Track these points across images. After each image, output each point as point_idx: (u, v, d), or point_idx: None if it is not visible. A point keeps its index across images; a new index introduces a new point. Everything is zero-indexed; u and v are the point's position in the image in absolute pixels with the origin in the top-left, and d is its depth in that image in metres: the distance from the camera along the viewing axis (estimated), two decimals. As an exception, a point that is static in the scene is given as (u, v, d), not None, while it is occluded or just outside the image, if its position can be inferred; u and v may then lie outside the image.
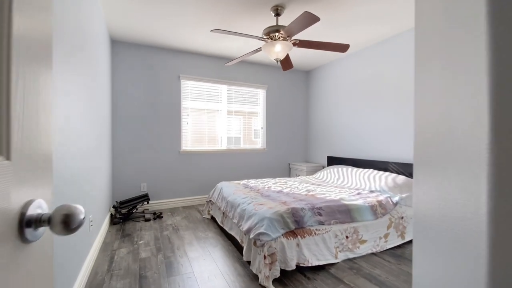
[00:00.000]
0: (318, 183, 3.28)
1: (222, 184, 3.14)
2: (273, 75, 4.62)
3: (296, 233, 1.94)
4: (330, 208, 2.18)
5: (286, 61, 2.99)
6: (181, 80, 3.86)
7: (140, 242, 2.58)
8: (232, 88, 4.28)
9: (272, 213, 1.97)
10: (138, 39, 3.41)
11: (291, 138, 4.82)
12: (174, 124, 3.83)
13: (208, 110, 4.11)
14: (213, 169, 4.12)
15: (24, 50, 0.39)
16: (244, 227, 2.06)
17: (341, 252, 2.11)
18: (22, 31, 0.38)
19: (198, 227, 2.98)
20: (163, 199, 3.79)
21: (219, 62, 4.13)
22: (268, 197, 2.45)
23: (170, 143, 3.82)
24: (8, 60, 0.35)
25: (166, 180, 3.80)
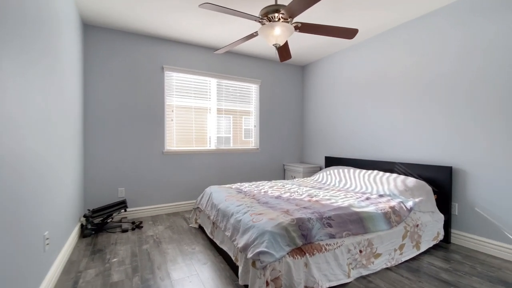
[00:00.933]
0: (319, 187, 2.96)
1: (212, 188, 2.76)
2: (267, 69, 4.28)
3: (304, 250, 1.59)
4: (340, 218, 1.86)
5: (284, 49, 2.65)
6: (165, 71, 3.44)
7: (113, 260, 2.15)
8: (222, 83, 3.89)
9: (274, 225, 1.61)
10: (115, 24, 2.97)
11: (286, 137, 4.50)
12: (156, 121, 3.40)
13: (196, 108, 3.71)
14: (201, 171, 3.72)
15: None
16: (240, 242, 1.70)
17: (354, 270, 1.79)
18: None
19: (184, 239, 2.58)
20: (143, 206, 3.35)
21: (208, 52, 3.74)
22: (266, 205, 2.09)
23: (152, 142, 3.39)
24: None
25: (147, 184, 3.36)
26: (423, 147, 2.76)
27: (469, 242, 2.39)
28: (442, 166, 2.54)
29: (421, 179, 2.70)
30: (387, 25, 3.01)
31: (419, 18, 2.78)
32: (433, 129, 2.68)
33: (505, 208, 2.17)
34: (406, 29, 2.92)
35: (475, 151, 2.35)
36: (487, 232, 2.28)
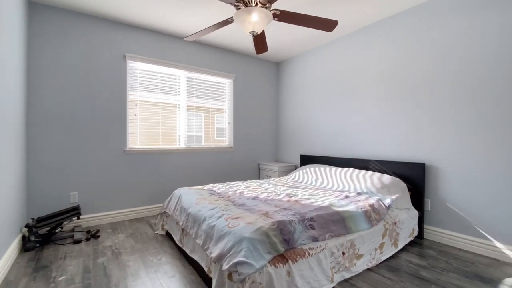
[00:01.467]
0: (297, 186, 2.84)
1: (181, 190, 2.49)
2: (241, 64, 4.09)
3: (286, 256, 1.43)
4: (323, 218, 1.73)
5: (261, 40, 2.48)
6: (128, 60, 3.08)
7: (61, 278, 1.80)
8: (193, 77, 3.61)
9: (253, 231, 1.43)
10: (68, 3, 2.56)
11: (261, 136, 4.34)
12: (117, 116, 3.03)
13: (164, 105, 3.39)
14: (169, 172, 3.41)
15: None
16: (214, 252, 1.48)
17: (337, 273, 1.67)
18: None
19: (148, 248, 2.28)
20: (101, 212, 2.95)
21: (177, 41, 3.44)
22: (243, 207, 1.90)
23: (112, 140, 3.00)
24: None
25: (106, 188, 2.97)
26: (397, 144, 2.79)
27: (441, 237, 2.44)
28: (416, 163, 2.57)
29: (395, 176, 2.72)
30: (363, 22, 2.99)
31: (396, 16, 2.80)
32: (406, 126, 2.70)
33: (474, 203, 2.23)
34: (382, 26, 2.93)
35: (446, 148, 2.40)
36: (459, 227, 2.33)
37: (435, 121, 2.48)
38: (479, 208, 2.20)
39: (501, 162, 2.08)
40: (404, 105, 2.72)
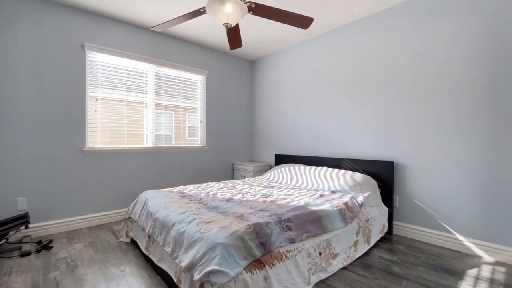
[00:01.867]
0: (272, 185, 2.79)
1: (148, 194, 2.29)
2: (215, 60, 3.94)
3: (263, 261, 1.35)
4: (299, 219, 1.68)
5: (235, 34, 2.38)
6: (87, 51, 2.78)
7: (-1, 300, 1.53)
8: (162, 72, 3.39)
9: (227, 236, 1.32)
10: (8, -22, 2.22)
11: (234, 135, 4.23)
12: (74, 112, 2.72)
13: (129, 102, 3.12)
14: (135, 174, 3.15)
15: None
16: (184, 260, 1.35)
17: (313, 275, 1.64)
18: None
19: (110, 259, 2.06)
20: (55, 220, 2.63)
21: (145, 33, 3.20)
22: (216, 210, 1.78)
23: (68, 139, 2.69)
24: None
25: (61, 192, 2.65)
26: (368, 143, 2.86)
27: (409, 232, 2.54)
28: (385, 161, 2.65)
29: (366, 174, 2.78)
30: (336, 23, 3.03)
31: (366, 18, 2.86)
32: (376, 126, 2.79)
33: (437, 198, 2.35)
34: (353, 28, 2.99)
35: (412, 147, 2.51)
36: (424, 222, 2.44)
37: (402, 121, 2.58)
38: (441, 203, 2.32)
39: (458, 159, 2.21)
40: (374, 106, 2.80)
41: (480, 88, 2.12)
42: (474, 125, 2.15)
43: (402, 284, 1.69)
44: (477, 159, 2.13)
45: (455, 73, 2.24)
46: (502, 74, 2.01)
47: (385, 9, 2.69)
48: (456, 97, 2.24)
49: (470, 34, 2.16)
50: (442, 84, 2.32)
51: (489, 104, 2.07)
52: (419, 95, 2.46)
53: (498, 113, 2.03)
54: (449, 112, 2.28)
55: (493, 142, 2.05)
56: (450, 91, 2.27)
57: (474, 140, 2.15)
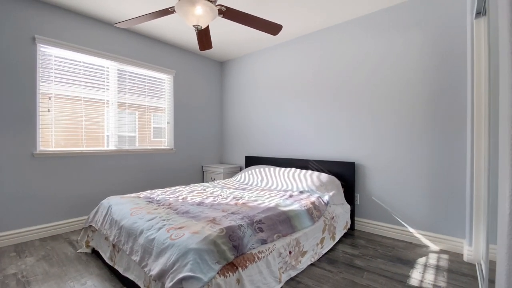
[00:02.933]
0: (243, 187, 2.81)
1: (111, 200, 2.16)
2: (183, 60, 3.84)
3: (236, 264, 1.36)
4: (270, 220, 1.74)
5: (205, 36, 2.36)
6: (38, 44, 2.52)
7: None
8: (125, 71, 3.21)
9: (199, 241, 1.32)
10: None
11: (204, 137, 4.17)
12: (23, 111, 2.45)
13: (88, 100, 2.90)
14: (95, 179, 2.94)
15: None
16: (154, 268, 1.31)
17: (284, 273, 1.70)
18: None
19: (69, 272, 1.90)
20: (1, 231, 2.34)
21: (107, 29, 3.00)
22: (187, 214, 1.75)
23: (16, 141, 2.41)
24: None
25: (8, 200, 2.37)
26: (331, 145, 3.04)
27: (369, 227, 2.76)
28: (347, 161, 2.84)
29: (331, 174, 2.96)
30: (303, 31, 3.17)
31: (337, 26, 3.04)
32: (339, 128, 2.97)
33: (392, 195, 2.60)
34: (318, 36, 3.15)
35: (369, 148, 2.73)
36: (382, 217, 2.68)
37: (361, 125, 2.79)
38: (395, 199, 2.57)
39: (407, 160, 2.48)
40: (337, 110, 2.98)
41: (425, 96, 2.39)
42: (421, 128, 2.42)
43: (363, 276, 1.84)
44: (423, 159, 2.40)
45: (406, 80, 2.50)
46: (443, 82, 2.30)
47: (349, 20, 2.89)
48: (405, 103, 2.50)
49: (417, 47, 2.43)
50: (394, 91, 2.57)
51: (432, 109, 2.35)
52: (374, 101, 2.69)
53: (440, 117, 2.31)
54: (400, 117, 2.53)
55: (435, 144, 2.33)
56: (400, 99, 2.53)
57: (421, 142, 2.41)
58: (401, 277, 1.83)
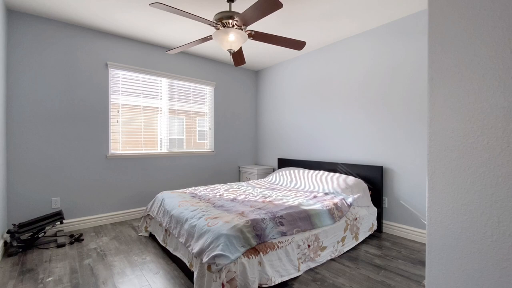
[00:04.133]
0: (272, 187, 3.10)
1: (164, 194, 2.65)
2: (222, 72, 4.29)
3: (258, 249, 1.67)
4: (291, 216, 1.99)
5: (239, 54, 2.71)
6: (110, 68, 3.18)
7: (48, 279, 1.91)
8: (174, 83, 3.77)
9: (229, 228, 1.65)
10: (49, 11, 2.63)
11: (241, 140, 4.57)
12: (99, 122, 3.12)
13: (145, 108, 3.52)
14: (151, 176, 3.54)
15: None
16: (195, 248, 1.69)
17: (303, 263, 1.94)
18: None
19: (133, 249, 2.43)
20: (84, 216, 3.03)
21: (158, 50, 3.58)
22: (222, 208, 2.12)
23: (94, 146, 3.09)
24: None
25: (88, 192, 3.06)
26: (360, 149, 3.13)
27: (396, 230, 2.80)
28: (375, 165, 2.92)
29: (358, 177, 3.06)
30: (329, 40, 3.32)
31: (358, 35, 3.14)
32: (368, 133, 3.06)
33: (420, 199, 2.60)
34: (348, 43, 3.27)
35: (398, 153, 2.77)
36: (409, 221, 2.70)
37: (389, 130, 2.84)
38: (422, 204, 2.58)
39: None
40: (365, 116, 3.07)
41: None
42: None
43: (380, 273, 1.97)
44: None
45: (435, 87, 2.49)
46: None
47: (379, 26, 2.96)
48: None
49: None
50: (424, 95, 2.58)
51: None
52: (402, 106, 2.73)
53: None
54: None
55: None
56: (431, 103, 2.53)
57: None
58: (418, 278, 1.91)
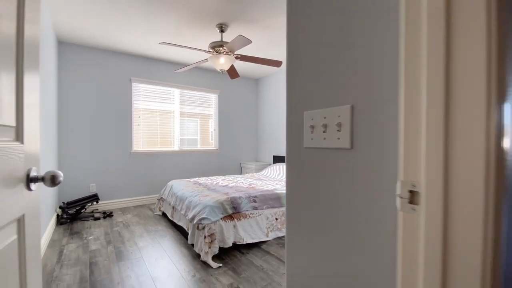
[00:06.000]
0: (261, 178, 3.75)
1: (173, 182, 3.39)
2: (225, 81, 4.99)
3: (233, 216, 2.33)
4: (263, 196, 2.63)
5: (232, 70, 3.39)
6: (133, 82, 3.99)
7: (90, 237, 2.70)
8: (184, 92, 4.53)
9: (214, 201, 2.33)
10: (87, 41, 3.47)
11: (242, 139, 5.24)
12: (124, 125, 3.93)
13: (161, 111, 4.29)
14: (165, 170, 4.31)
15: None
16: (189, 215, 2.38)
17: (272, 232, 2.57)
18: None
19: (149, 222, 3.18)
20: (113, 199, 3.86)
21: (171, 66, 4.35)
22: (214, 190, 2.80)
23: (121, 144, 3.91)
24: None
25: (116, 181, 3.88)
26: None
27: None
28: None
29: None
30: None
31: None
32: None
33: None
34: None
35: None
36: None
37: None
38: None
39: None
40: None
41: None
42: None
43: (331, 242, 2.55)
44: None
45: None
46: None
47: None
48: None
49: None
50: None
51: None
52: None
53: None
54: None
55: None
56: None
57: None
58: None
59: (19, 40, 0.66)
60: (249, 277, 1.91)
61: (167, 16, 2.73)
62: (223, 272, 1.97)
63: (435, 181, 0.41)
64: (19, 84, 0.67)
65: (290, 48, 0.82)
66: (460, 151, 0.38)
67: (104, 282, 1.84)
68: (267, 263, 2.12)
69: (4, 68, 0.60)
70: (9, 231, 0.61)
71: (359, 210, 0.62)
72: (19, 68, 0.67)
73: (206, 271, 1.98)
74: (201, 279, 1.87)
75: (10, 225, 0.62)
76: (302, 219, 0.79)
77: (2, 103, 0.58)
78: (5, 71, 0.60)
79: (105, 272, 1.98)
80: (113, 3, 2.48)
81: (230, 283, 1.82)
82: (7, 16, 0.60)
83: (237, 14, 2.68)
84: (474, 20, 0.37)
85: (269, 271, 2.00)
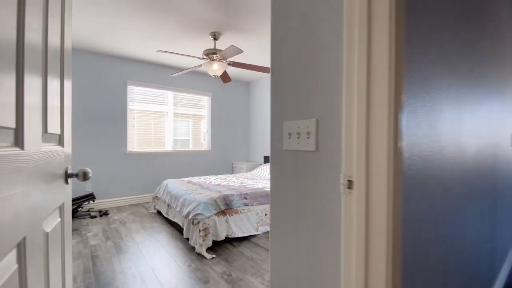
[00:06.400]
0: (252, 177, 3.95)
1: (168, 181, 3.55)
2: (217, 85, 5.17)
3: (226, 212, 2.52)
4: (254, 194, 2.84)
5: (224, 75, 3.58)
6: (128, 85, 4.12)
7: (89, 234, 2.84)
8: (178, 94, 4.68)
9: (207, 198, 2.52)
10: (84, 45, 3.58)
11: (234, 140, 5.43)
12: (119, 126, 4.06)
13: (155, 112, 4.44)
14: (159, 169, 4.45)
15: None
16: (185, 211, 2.56)
17: (261, 226, 2.78)
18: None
19: (145, 220, 3.34)
20: (109, 198, 3.98)
21: (165, 70, 4.50)
22: (207, 189, 2.99)
23: (116, 144, 4.03)
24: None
25: (111, 180, 4.00)
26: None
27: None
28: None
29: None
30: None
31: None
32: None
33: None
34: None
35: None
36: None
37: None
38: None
39: None
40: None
41: None
42: None
43: (316, 235, 2.78)
44: None
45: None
46: None
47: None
48: None
49: None
50: None
51: None
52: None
53: None
54: None
55: None
56: None
57: None
58: (342, 238, 2.71)
59: (62, 52, 0.85)
60: (240, 265, 2.11)
61: (164, 24, 2.90)
62: (217, 262, 2.17)
63: (361, 172, 0.62)
64: (62, 92, 0.85)
65: (273, 68, 1.03)
66: (375, 152, 0.60)
67: (107, 272, 2.00)
68: (257, 254, 2.33)
69: (56, 76, 0.78)
70: (55, 216, 0.80)
71: (324, 198, 0.83)
72: (62, 77, 0.85)
73: (201, 262, 2.17)
74: (196, 268, 2.06)
75: (56, 210, 0.80)
76: (281, 210, 1.00)
77: (53, 114, 0.76)
78: (56, 78, 0.78)
79: (106, 264, 2.14)
80: (115, 10, 2.63)
81: (223, 271, 2.02)
82: (57, 32, 0.79)
83: (229, 23, 2.87)
84: (381, 56, 0.59)
85: (258, 260, 2.21)
